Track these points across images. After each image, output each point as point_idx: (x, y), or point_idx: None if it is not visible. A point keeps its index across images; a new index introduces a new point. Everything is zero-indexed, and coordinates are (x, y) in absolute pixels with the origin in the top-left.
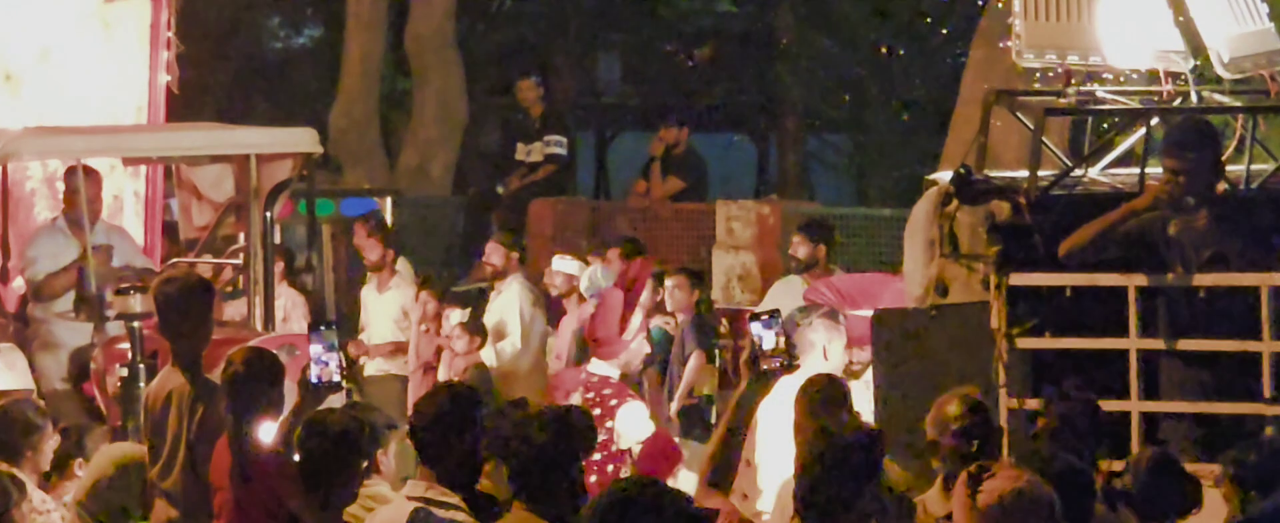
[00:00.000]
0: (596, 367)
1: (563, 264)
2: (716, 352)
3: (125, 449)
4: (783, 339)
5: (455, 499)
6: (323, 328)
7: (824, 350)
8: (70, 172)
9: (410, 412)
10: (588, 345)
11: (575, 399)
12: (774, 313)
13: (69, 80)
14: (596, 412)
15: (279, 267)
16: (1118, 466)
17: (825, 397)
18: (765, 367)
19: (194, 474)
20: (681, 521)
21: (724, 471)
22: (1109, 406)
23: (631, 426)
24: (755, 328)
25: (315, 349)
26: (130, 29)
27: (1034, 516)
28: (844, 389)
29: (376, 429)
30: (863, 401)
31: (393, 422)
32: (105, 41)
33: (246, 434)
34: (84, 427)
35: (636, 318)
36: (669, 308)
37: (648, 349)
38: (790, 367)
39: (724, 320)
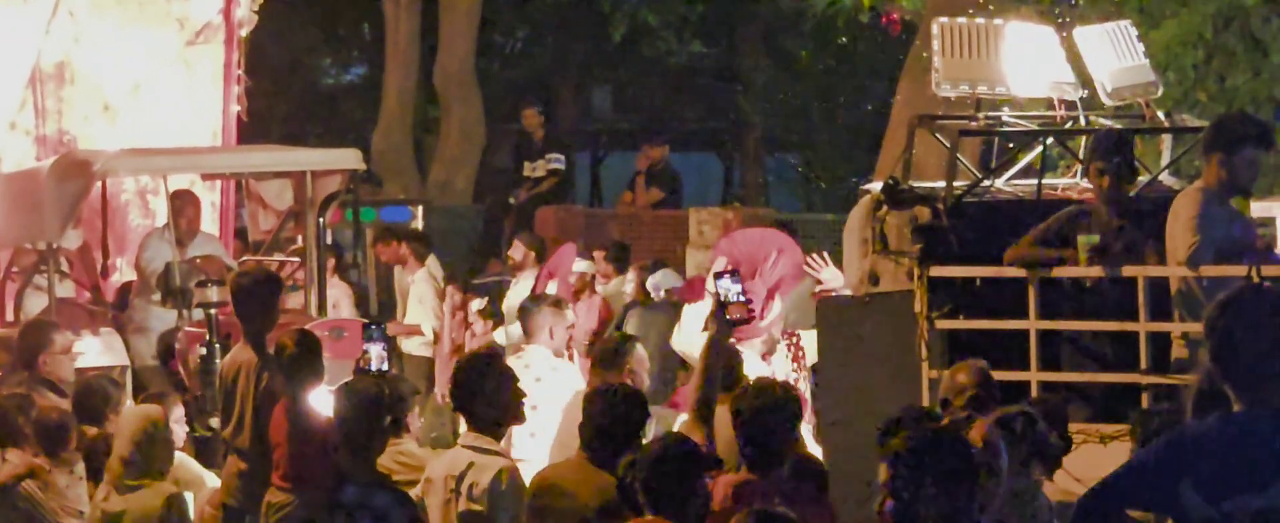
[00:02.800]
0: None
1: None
2: None
3: (143, 413)
4: (742, 294)
5: (499, 446)
6: (375, 327)
7: None
8: (175, 195)
9: (450, 380)
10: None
11: None
12: (735, 272)
13: (156, 110)
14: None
15: (330, 263)
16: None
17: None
18: (730, 316)
19: (258, 434)
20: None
21: (706, 405)
22: (1011, 376)
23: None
24: (722, 284)
25: (371, 347)
26: (207, 67)
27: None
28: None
29: (404, 396)
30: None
31: (417, 389)
32: (186, 78)
33: (299, 400)
34: (164, 394)
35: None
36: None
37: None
38: (751, 316)
39: None
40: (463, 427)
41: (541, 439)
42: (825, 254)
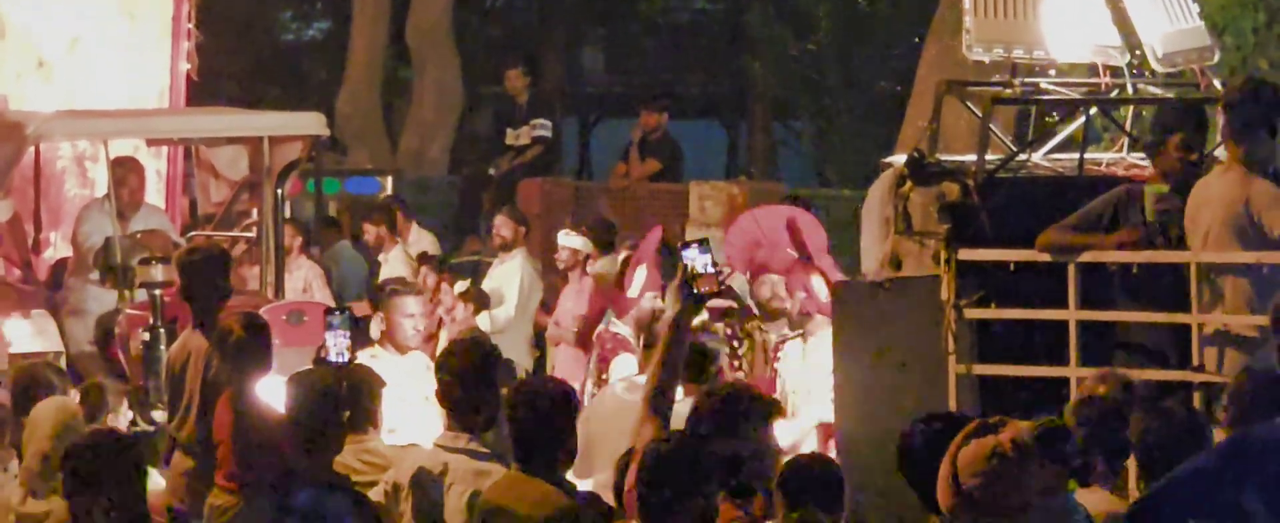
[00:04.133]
0: (615, 326)
1: (568, 240)
2: None
3: (59, 406)
4: (712, 265)
5: (482, 448)
6: (336, 314)
7: None
8: (116, 162)
9: (435, 369)
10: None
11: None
12: (704, 241)
13: (96, 67)
14: (604, 361)
15: (298, 241)
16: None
17: None
18: (696, 290)
19: (207, 428)
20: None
21: (662, 396)
22: (1049, 372)
23: (621, 372)
24: (688, 254)
25: (332, 336)
26: (153, 21)
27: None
28: None
29: (366, 388)
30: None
31: (383, 381)
32: (130, 32)
33: (245, 392)
34: (103, 385)
35: (639, 274)
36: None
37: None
38: (721, 289)
39: None
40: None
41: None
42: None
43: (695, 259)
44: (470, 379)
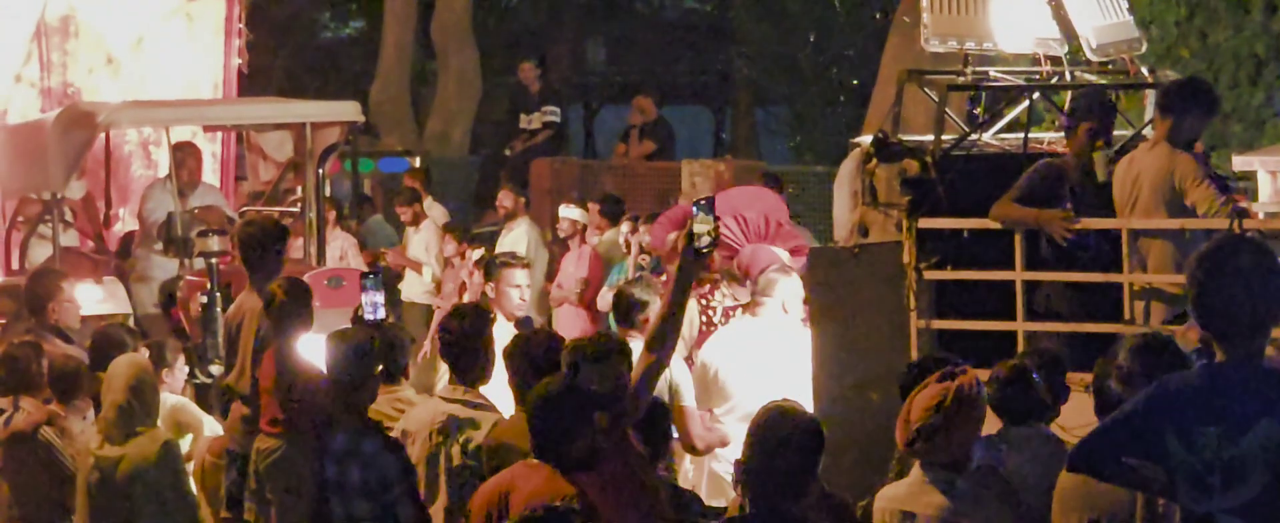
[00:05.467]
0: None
1: (568, 211)
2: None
3: (132, 362)
4: (712, 224)
5: (480, 398)
6: (372, 276)
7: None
8: (177, 146)
9: (437, 329)
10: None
11: None
12: (710, 200)
13: (159, 63)
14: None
15: (331, 215)
16: (984, 375)
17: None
18: (697, 246)
19: (257, 378)
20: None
21: (661, 339)
22: (998, 326)
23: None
24: (692, 211)
25: (367, 296)
26: (209, 21)
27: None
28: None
29: (398, 344)
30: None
31: (413, 337)
32: (188, 31)
33: (288, 347)
34: (164, 344)
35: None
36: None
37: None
38: (714, 246)
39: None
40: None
41: None
42: None
43: (697, 215)
44: (466, 340)
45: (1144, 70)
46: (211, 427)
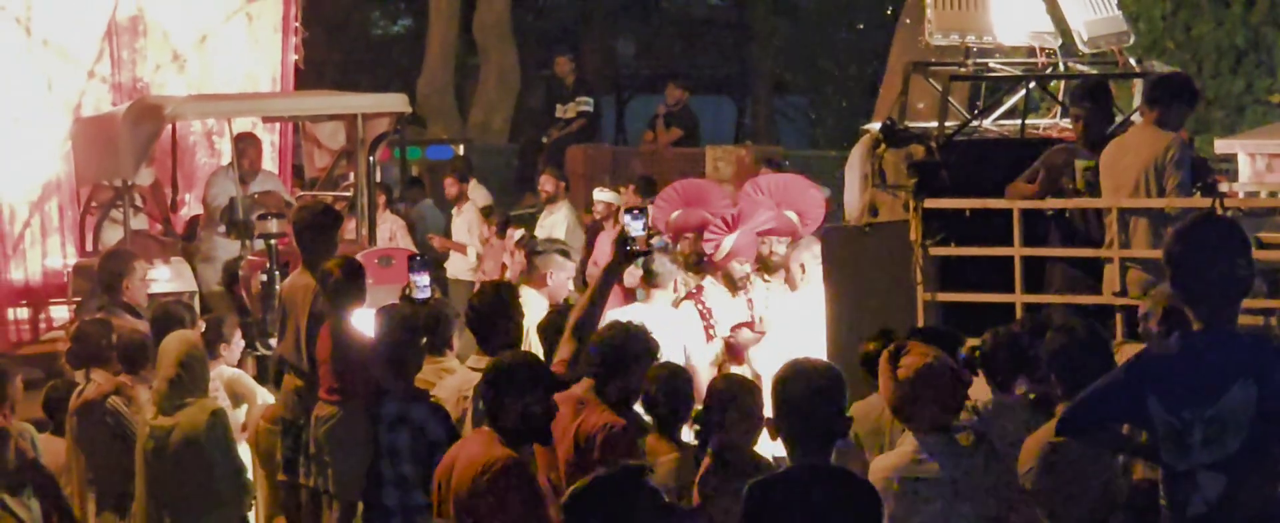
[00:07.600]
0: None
1: (602, 195)
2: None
3: (183, 338)
4: (644, 230)
5: None
6: (420, 257)
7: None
8: (238, 136)
9: (468, 302)
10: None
11: None
12: (643, 209)
13: (221, 59)
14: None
15: (381, 199)
16: (975, 341)
17: None
18: (630, 249)
19: (311, 353)
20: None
21: (583, 326)
22: (998, 298)
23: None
24: (625, 219)
25: (415, 275)
26: (268, 20)
27: (939, 382)
28: None
29: (444, 318)
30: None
31: (457, 312)
32: (248, 29)
33: (342, 321)
34: (221, 320)
35: (728, 241)
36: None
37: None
38: (649, 252)
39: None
40: None
41: None
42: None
43: (630, 224)
44: (491, 313)
45: (1132, 61)
46: (264, 397)
